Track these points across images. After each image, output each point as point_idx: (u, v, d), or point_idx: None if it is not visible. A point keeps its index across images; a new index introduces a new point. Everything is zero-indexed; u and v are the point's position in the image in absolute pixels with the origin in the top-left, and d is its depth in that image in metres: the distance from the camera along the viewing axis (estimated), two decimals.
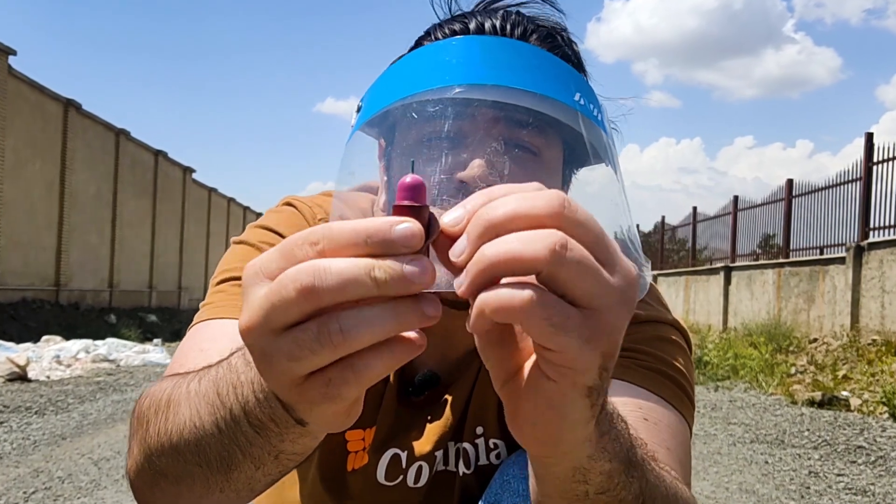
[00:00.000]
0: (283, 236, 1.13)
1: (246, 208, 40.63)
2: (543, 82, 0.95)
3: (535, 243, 0.54)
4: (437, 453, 1.18)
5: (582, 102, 0.97)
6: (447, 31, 1.08)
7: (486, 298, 0.56)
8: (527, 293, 0.55)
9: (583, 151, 1.02)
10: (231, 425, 0.73)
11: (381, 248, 0.55)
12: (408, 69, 0.99)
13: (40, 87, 19.01)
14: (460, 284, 0.57)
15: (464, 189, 0.93)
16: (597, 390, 0.62)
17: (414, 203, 0.58)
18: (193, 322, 1.08)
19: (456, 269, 0.58)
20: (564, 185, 1.10)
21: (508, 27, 1.05)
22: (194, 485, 0.82)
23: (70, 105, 20.53)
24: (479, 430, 1.21)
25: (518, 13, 1.09)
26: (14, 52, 17.23)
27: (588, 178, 1.11)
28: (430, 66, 0.97)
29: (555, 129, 1.01)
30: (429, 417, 1.19)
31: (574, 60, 1.10)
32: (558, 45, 1.08)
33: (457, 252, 0.57)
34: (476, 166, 0.95)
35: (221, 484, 0.80)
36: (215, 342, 0.99)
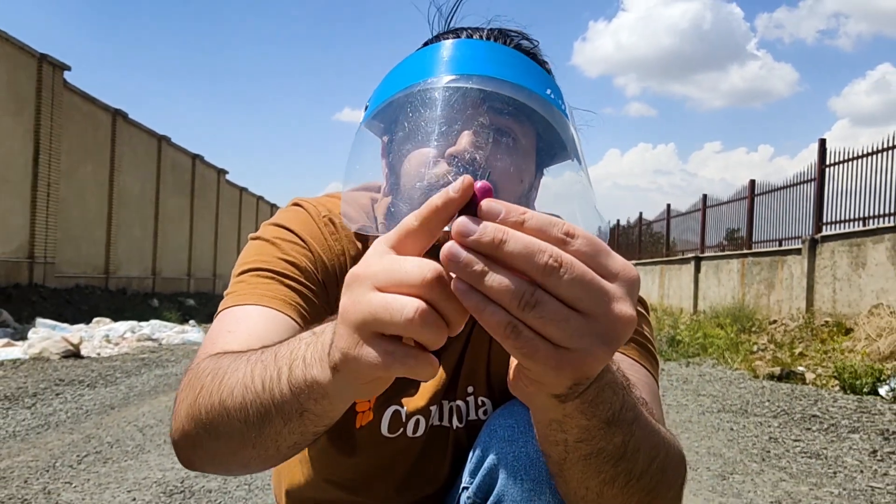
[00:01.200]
0: (293, 232, 1.16)
1: (272, 205, 40.59)
2: (521, 75, 1.00)
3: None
4: (431, 408, 1.19)
5: (552, 96, 1.02)
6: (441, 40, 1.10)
7: (477, 312, 0.59)
8: (501, 319, 0.59)
9: (551, 136, 1.07)
10: (274, 380, 0.77)
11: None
12: (406, 67, 1.04)
13: (91, 99, 19.01)
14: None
15: (454, 162, 0.97)
16: (566, 395, 0.66)
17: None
18: (220, 309, 1.08)
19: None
20: (538, 168, 1.13)
21: (493, 39, 1.09)
22: (232, 440, 0.85)
23: (118, 114, 20.53)
24: (471, 389, 1.22)
25: (501, 31, 1.13)
26: (69, 68, 17.23)
27: (558, 177, 1.14)
28: (424, 63, 1.02)
29: (529, 115, 1.04)
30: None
31: (544, 67, 1.13)
32: (532, 55, 1.11)
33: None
34: (465, 141, 0.98)
35: (254, 439, 0.83)
36: (240, 325, 1.01)
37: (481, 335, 1.18)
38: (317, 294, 1.12)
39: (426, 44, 1.14)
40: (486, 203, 0.61)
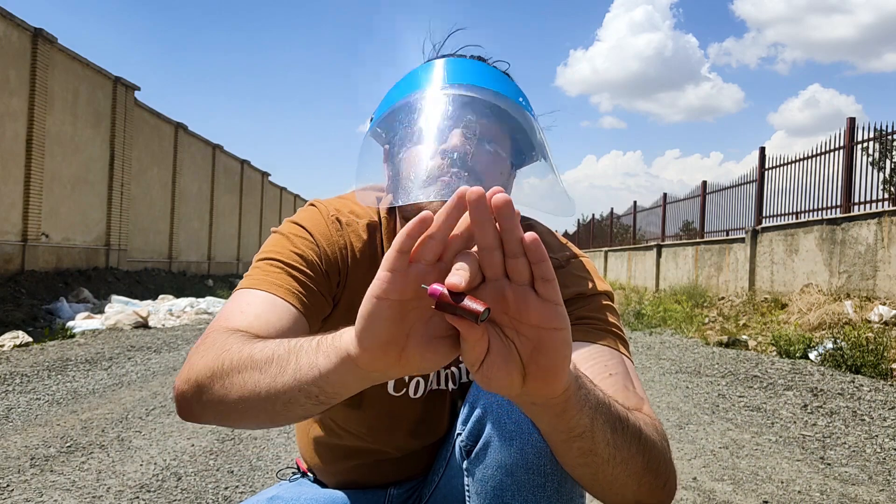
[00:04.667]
0: (304, 229, 1.15)
1: (295, 196, 40.60)
2: (499, 85, 1.04)
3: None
4: (430, 372, 1.18)
5: (523, 102, 1.07)
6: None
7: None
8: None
9: (524, 134, 1.09)
10: (295, 345, 0.78)
11: None
12: (402, 82, 1.09)
13: (157, 114, 18.98)
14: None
15: (447, 156, 0.99)
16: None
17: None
18: (237, 288, 1.08)
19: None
20: (514, 160, 1.13)
21: (467, 62, 1.12)
22: (245, 386, 0.82)
23: (179, 126, 20.51)
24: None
25: (480, 57, 1.16)
26: (139, 88, 17.20)
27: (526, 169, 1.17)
28: (417, 78, 1.06)
29: (506, 116, 1.07)
30: None
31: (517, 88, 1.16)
32: (505, 77, 1.14)
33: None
34: (455, 139, 1.00)
35: (263, 386, 0.80)
36: (251, 307, 1.01)
37: None
38: (319, 283, 1.10)
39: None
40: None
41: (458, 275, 0.61)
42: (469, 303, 0.61)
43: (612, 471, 0.84)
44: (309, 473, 1.41)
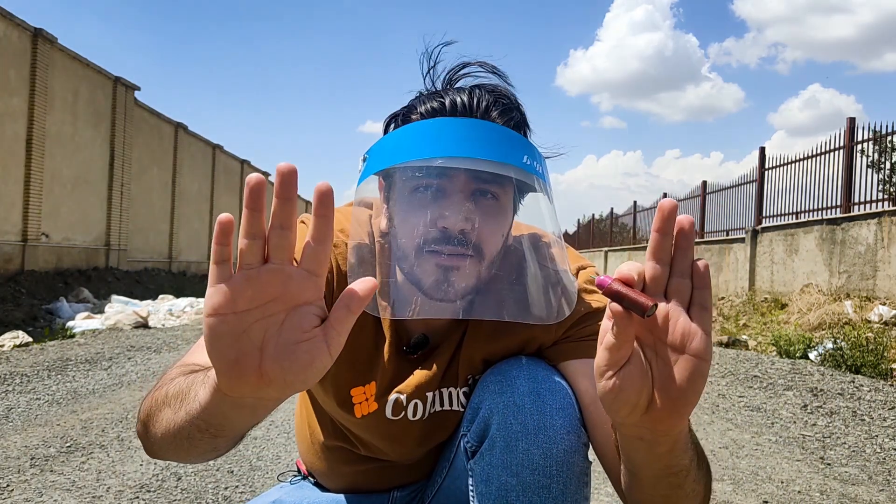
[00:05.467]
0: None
1: (308, 202, 40.56)
2: (500, 151, 0.95)
3: None
4: (428, 394, 1.15)
5: (528, 162, 0.97)
6: (428, 107, 1.05)
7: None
8: None
9: (526, 190, 1.06)
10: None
11: None
12: (402, 139, 0.98)
13: (157, 114, 18.99)
14: None
15: (445, 234, 0.96)
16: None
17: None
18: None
19: None
20: (513, 212, 1.09)
21: (475, 102, 1.03)
22: (162, 423, 0.82)
23: (179, 126, 20.52)
24: (470, 378, 1.16)
25: (480, 87, 1.07)
26: (139, 88, 17.21)
27: (529, 202, 1.11)
28: (419, 140, 0.96)
29: (508, 182, 1.02)
30: (420, 368, 1.15)
31: (522, 120, 1.08)
32: (510, 112, 1.05)
33: None
34: (454, 216, 0.96)
35: (171, 423, 0.80)
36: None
37: (476, 332, 1.13)
38: None
39: (413, 105, 1.08)
40: None
41: (632, 268, 0.62)
42: (637, 296, 0.60)
43: (686, 502, 0.84)
44: (310, 476, 1.39)
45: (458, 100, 1.03)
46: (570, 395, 1.03)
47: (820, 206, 10.62)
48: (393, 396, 1.15)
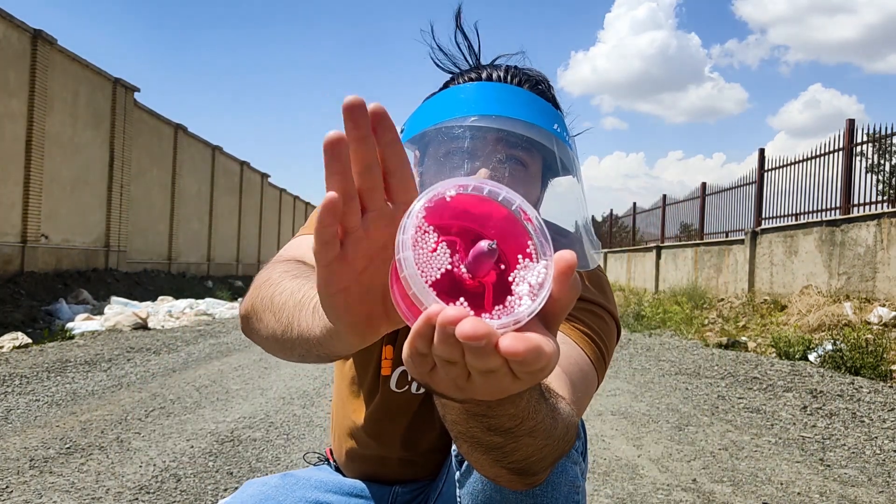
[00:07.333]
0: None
1: (307, 203, 40.59)
2: (532, 114, 0.99)
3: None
4: None
5: (558, 129, 1.01)
6: (466, 78, 1.11)
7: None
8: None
9: (555, 163, 1.06)
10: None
11: None
12: (439, 103, 1.04)
13: (157, 115, 18.98)
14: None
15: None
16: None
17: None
18: (294, 237, 1.13)
19: None
20: (542, 188, 1.12)
21: (509, 77, 1.09)
22: (268, 328, 0.83)
23: (179, 128, 20.51)
24: None
25: (516, 68, 1.12)
26: (138, 90, 17.20)
27: (559, 182, 1.13)
28: (454, 101, 1.02)
29: (538, 147, 1.04)
30: None
31: (554, 102, 1.13)
32: (542, 91, 1.11)
33: None
34: (482, 175, 0.98)
35: (279, 334, 0.80)
36: (300, 246, 1.06)
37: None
38: None
39: (454, 77, 1.14)
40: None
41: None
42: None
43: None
44: (332, 462, 1.46)
45: (495, 74, 1.09)
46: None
47: (819, 208, 10.62)
48: (401, 368, 1.22)
